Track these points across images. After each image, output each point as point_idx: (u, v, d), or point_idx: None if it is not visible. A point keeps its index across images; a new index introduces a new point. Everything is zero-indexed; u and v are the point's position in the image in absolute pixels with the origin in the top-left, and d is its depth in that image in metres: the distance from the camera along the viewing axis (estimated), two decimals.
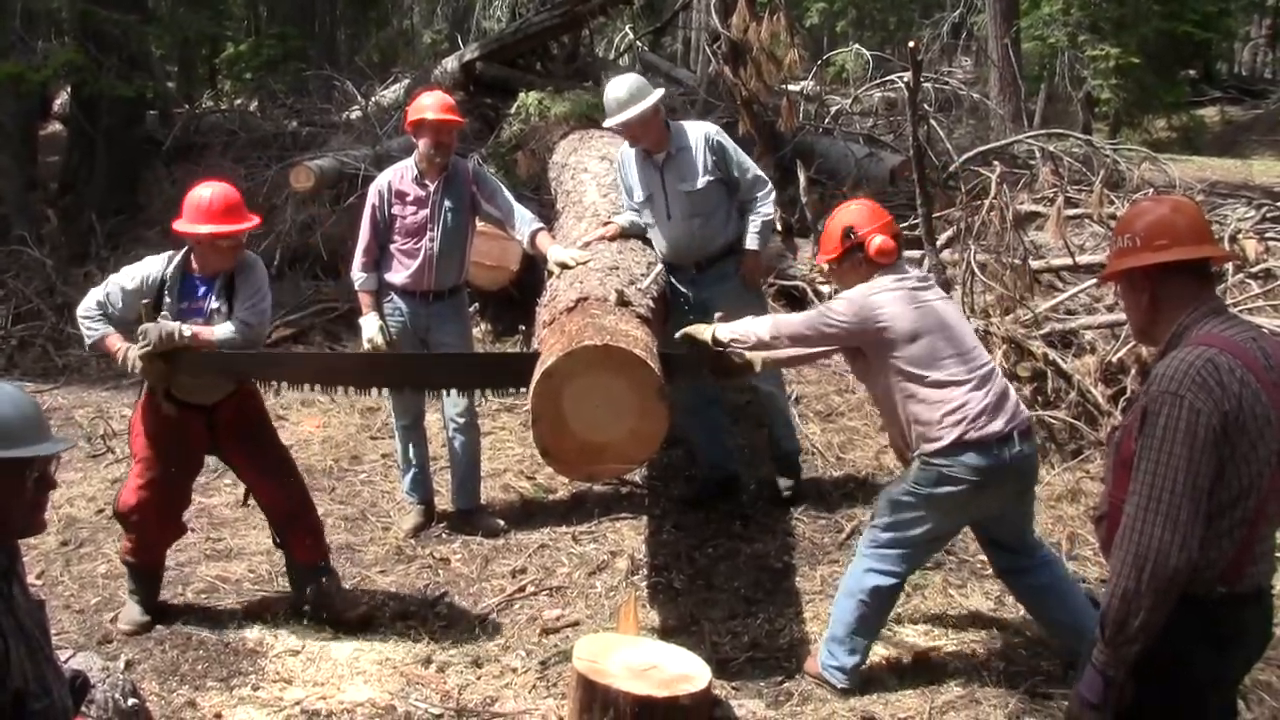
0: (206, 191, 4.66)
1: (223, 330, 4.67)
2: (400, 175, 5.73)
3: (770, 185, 5.83)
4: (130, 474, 4.87)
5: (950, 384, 4.09)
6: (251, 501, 5.13)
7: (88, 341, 4.78)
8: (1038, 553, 4.40)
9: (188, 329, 4.55)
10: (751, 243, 5.75)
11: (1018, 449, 4.09)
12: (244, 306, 4.74)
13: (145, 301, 4.60)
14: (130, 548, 4.89)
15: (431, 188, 5.66)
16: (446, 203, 5.66)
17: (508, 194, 5.85)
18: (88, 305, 4.74)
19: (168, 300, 4.68)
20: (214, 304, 4.71)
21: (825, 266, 4.62)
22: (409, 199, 5.68)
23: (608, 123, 5.66)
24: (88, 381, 8.19)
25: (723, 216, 5.69)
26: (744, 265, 5.75)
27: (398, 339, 5.64)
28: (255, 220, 4.88)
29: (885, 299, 4.17)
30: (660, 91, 5.67)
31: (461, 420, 5.82)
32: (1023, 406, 4.25)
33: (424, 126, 5.62)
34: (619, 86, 5.57)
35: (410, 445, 5.90)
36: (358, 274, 5.76)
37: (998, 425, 4.05)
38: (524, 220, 5.68)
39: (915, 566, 4.49)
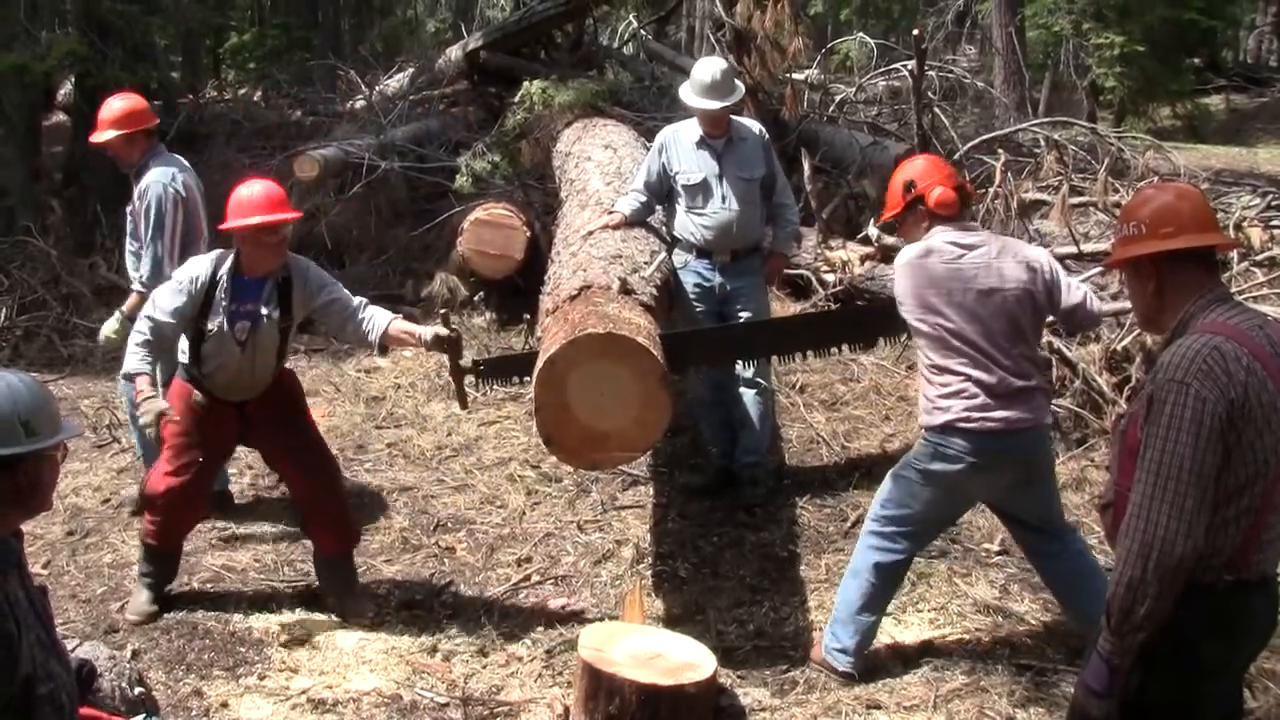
0: (253, 187, 4.65)
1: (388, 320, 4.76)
2: None
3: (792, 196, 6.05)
4: (159, 459, 4.87)
5: (955, 371, 4.08)
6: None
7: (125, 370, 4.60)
8: (1067, 537, 4.37)
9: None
10: (783, 246, 6.10)
11: (1015, 443, 4.09)
12: (331, 294, 4.78)
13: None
14: (152, 530, 4.91)
15: None
16: None
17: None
18: (139, 331, 4.59)
19: (221, 300, 4.62)
20: (266, 310, 4.67)
21: (892, 224, 4.71)
22: None
23: (691, 101, 5.64)
24: (93, 372, 8.19)
25: (762, 211, 5.83)
26: (771, 265, 6.01)
27: None
28: (298, 213, 4.88)
29: (922, 276, 4.13)
30: (743, 88, 5.88)
31: None
32: (1042, 409, 4.18)
33: None
34: (712, 69, 5.65)
35: None
36: None
37: (994, 422, 4.03)
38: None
39: (919, 545, 4.48)
